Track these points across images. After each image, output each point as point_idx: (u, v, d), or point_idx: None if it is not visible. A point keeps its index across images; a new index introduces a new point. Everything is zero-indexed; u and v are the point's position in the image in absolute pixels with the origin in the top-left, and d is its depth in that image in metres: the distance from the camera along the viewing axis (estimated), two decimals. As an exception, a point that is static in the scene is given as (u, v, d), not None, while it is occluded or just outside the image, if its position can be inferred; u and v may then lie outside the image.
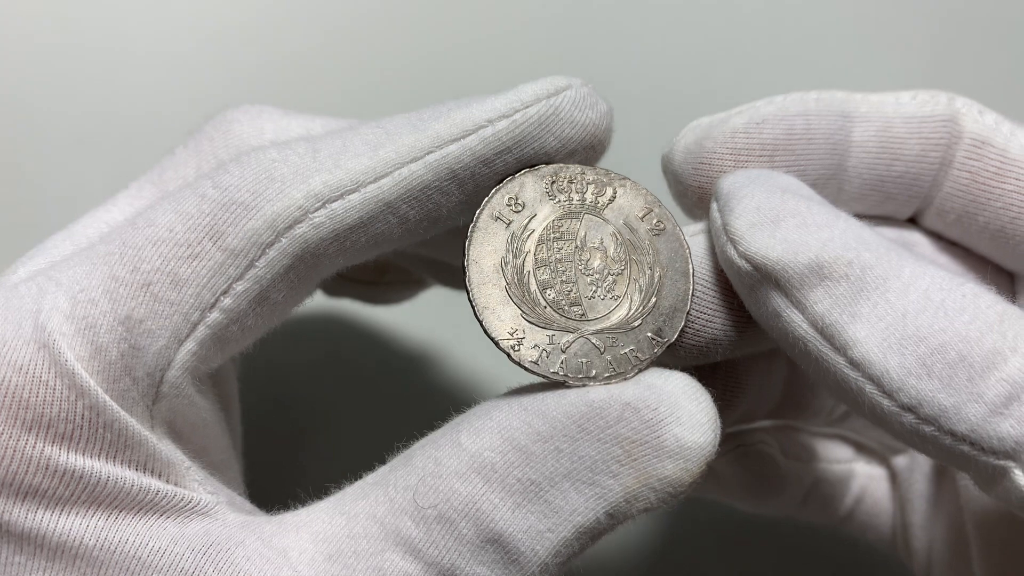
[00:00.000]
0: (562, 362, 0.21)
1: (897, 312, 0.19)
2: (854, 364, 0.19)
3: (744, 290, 0.21)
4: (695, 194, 0.24)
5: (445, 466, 0.20)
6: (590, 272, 0.22)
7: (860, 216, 0.22)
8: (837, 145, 0.24)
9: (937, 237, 0.25)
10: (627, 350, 0.21)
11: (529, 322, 0.21)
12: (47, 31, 0.36)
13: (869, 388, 0.19)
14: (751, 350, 0.23)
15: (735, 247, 0.21)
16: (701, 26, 0.38)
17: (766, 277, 0.20)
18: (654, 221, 0.22)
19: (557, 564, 0.20)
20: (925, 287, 0.19)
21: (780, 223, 0.20)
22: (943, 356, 0.19)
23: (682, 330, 0.22)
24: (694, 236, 0.23)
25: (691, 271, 0.22)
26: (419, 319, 0.36)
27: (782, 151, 0.23)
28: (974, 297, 0.19)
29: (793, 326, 0.20)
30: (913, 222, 0.26)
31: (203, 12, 0.37)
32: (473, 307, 0.21)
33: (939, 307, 0.19)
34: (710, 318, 0.22)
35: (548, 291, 0.21)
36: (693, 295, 0.22)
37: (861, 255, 0.20)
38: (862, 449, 0.30)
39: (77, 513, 0.19)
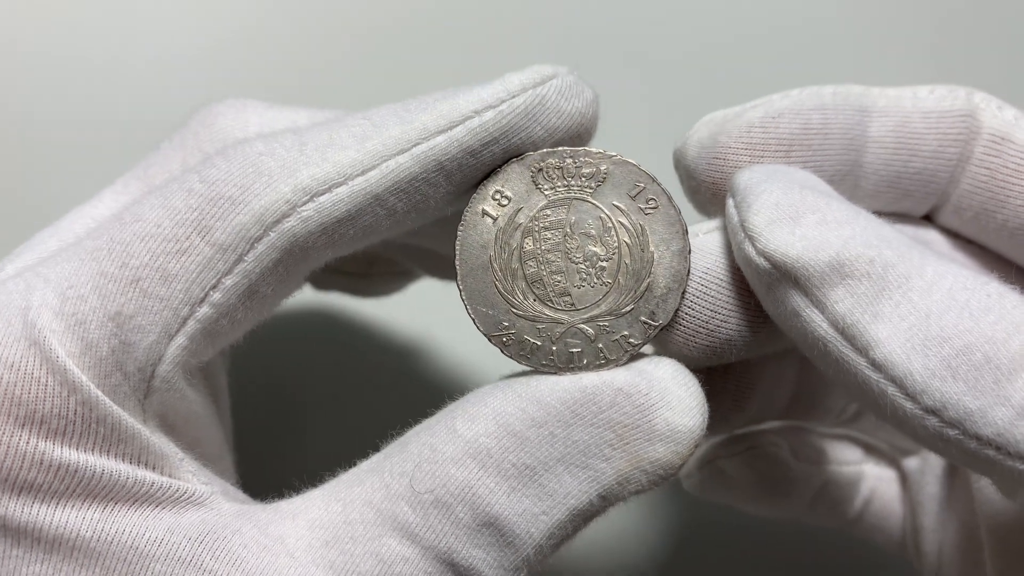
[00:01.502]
0: (553, 353, 0.21)
1: (920, 312, 0.19)
2: (876, 365, 0.19)
3: (762, 289, 0.21)
4: (709, 190, 0.23)
5: (441, 452, 0.20)
6: (579, 260, 0.21)
7: (876, 214, 0.21)
8: (854, 140, 0.23)
9: (953, 235, 0.25)
10: (619, 336, 0.21)
11: (519, 316, 0.21)
12: (40, 30, 0.36)
13: (891, 390, 0.19)
14: (765, 350, 0.23)
15: (753, 244, 0.20)
16: (704, 18, 0.38)
17: (785, 275, 0.20)
18: (647, 199, 0.22)
19: (551, 545, 0.20)
20: (949, 286, 0.19)
21: (800, 220, 0.20)
22: (969, 358, 0.18)
23: (695, 328, 0.22)
24: (708, 233, 0.22)
25: (687, 249, 0.21)
26: (411, 309, 0.35)
27: (798, 146, 0.23)
28: (999, 297, 0.19)
29: (813, 326, 0.19)
30: (928, 220, 0.25)
31: (196, 10, 0.37)
32: (464, 304, 0.22)
33: (964, 307, 0.18)
34: (725, 317, 0.22)
35: (536, 284, 0.21)
36: (689, 274, 0.21)
37: (883, 253, 0.19)
38: (872, 450, 0.30)
39: (73, 506, 0.19)
